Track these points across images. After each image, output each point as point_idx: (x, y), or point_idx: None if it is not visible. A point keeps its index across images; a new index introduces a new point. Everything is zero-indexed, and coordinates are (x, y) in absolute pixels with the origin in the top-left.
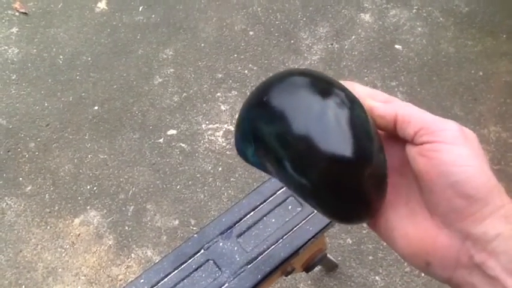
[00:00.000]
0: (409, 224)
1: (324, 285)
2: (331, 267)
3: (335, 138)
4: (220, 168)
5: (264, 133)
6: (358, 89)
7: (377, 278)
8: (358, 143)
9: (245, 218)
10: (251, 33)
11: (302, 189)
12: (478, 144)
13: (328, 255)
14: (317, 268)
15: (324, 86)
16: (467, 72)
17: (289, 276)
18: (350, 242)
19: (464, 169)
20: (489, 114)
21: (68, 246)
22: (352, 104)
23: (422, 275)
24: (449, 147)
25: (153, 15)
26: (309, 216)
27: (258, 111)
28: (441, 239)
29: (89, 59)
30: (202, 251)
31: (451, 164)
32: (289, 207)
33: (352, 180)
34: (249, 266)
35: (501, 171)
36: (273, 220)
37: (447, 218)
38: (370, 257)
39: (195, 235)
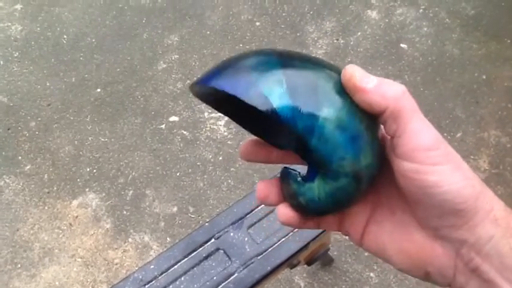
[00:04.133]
0: (401, 237)
1: (319, 279)
2: (327, 262)
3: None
4: (220, 158)
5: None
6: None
7: (371, 274)
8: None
9: (256, 210)
10: (257, 23)
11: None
12: (453, 151)
13: None
14: None
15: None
16: (471, 74)
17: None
18: (347, 237)
19: (449, 188)
20: (490, 117)
21: (65, 228)
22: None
23: None
24: (431, 168)
25: (159, 0)
26: None
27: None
28: (437, 249)
29: (93, 40)
30: (213, 240)
31: (435, 186)
32: None
33: None
34: (258, 258)
35: (499, 175)
36: None
37: (440, 231)
38: (366, 254)
39: (206, 223)
